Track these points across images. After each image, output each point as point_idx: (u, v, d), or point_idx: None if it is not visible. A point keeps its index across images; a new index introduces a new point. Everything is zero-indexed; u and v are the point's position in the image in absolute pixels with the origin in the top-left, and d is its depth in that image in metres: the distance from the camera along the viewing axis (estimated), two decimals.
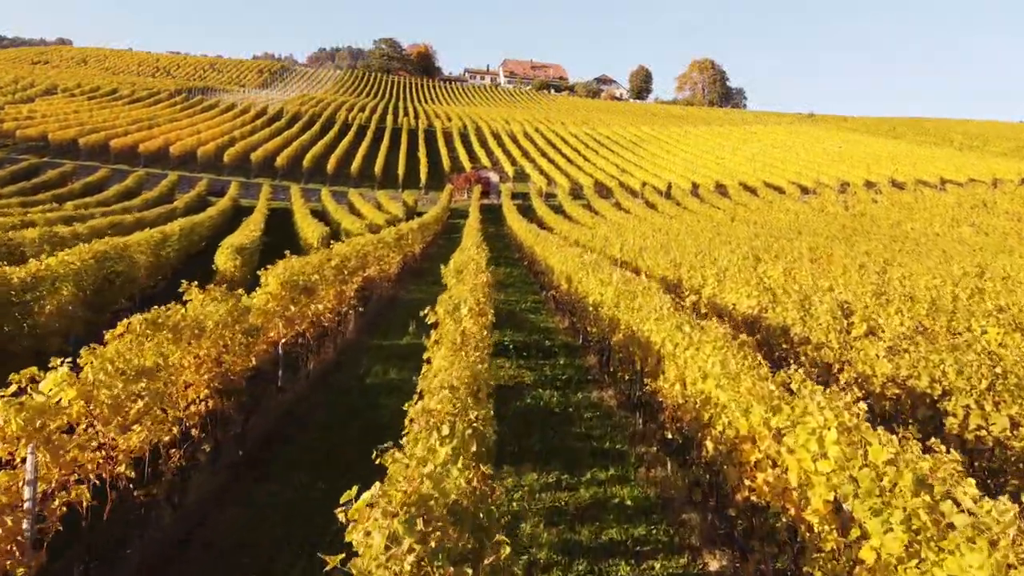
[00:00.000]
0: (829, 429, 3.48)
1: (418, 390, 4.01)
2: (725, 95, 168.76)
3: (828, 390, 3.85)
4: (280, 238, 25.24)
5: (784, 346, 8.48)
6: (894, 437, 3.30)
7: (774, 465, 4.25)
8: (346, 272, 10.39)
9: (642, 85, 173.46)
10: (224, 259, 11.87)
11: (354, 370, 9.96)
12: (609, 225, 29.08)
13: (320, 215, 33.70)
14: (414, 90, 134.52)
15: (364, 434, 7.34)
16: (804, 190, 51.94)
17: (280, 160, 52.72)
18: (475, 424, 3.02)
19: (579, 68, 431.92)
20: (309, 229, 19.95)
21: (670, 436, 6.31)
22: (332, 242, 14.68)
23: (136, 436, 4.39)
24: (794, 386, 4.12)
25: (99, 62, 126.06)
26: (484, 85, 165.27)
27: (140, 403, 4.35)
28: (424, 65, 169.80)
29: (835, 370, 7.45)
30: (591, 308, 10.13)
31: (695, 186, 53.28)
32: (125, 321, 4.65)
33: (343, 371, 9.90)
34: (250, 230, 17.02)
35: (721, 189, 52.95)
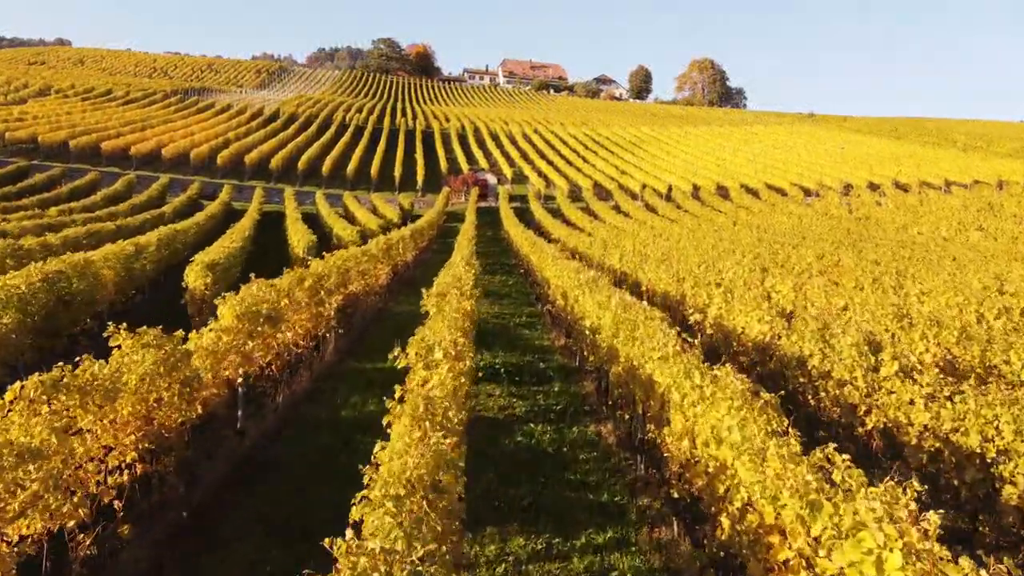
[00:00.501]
0: (891, 551, 2.67)
1: (365, 480, 3.20)
2: (725, 95, 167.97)
3: (884, 486, 3.03)
4: (271, 244, 24.46)
5: (801, 379, 7.68)
6: (984, 572, 2.48)
7: (809, 566, 3.45)
8: (323, 292, 9.57)
9: (642, 85, 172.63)
10: (194, 276, 11.04)
11: (330, 401, 9.14)
12: (608, 230, 28.28)
13: (312, 220, 32.89)
14: (413, 90, 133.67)
15: (334, 483, 6.53)
16: (807, 192, 51.14)
17: (275, 162, 51.91)
18: (420, 568, 2.21)
19: (578, 68, 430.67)
20: (296, 237, 19.12)
21: (676, 495, 5.49)
22: (321, 252, 13.89)
23: (26, 528, 3.58)
24: (836, 476, 3.30)
25: (96, 63, 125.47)
26: (483, 85, 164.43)
27: (30, 488, 3.54)
28: (423, 65, 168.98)
29: (860, 412, 6.64)
30: (588, 332, 9.32)
31: (695, 188, 52.45)
32: (17, 385, 3.84)
33: (317, 403, 9.08)
34: (231, 240, 16.19)
35: (722, 191, 52.14)
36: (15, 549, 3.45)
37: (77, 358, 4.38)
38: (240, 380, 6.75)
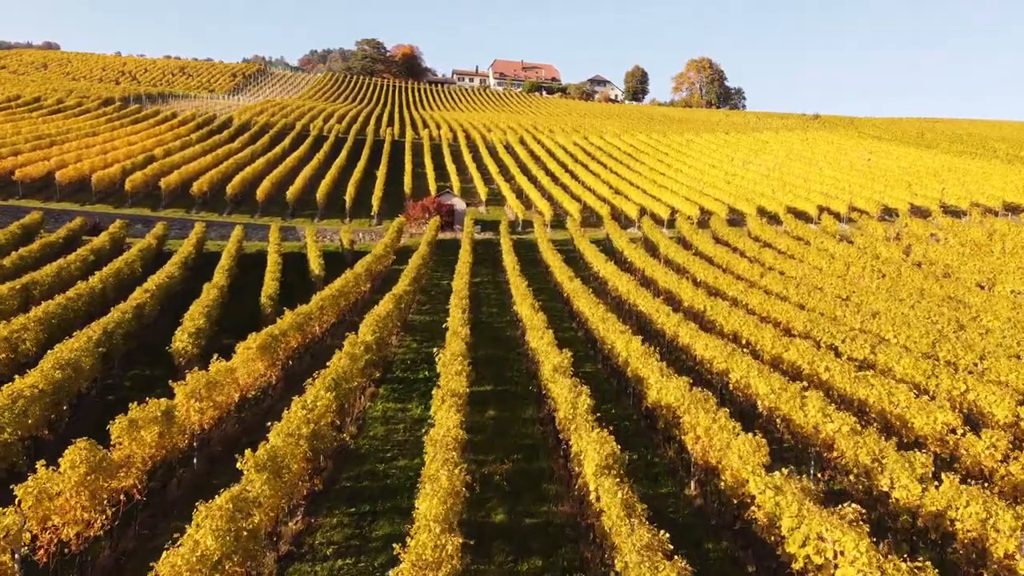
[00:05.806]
0: None
1: None
2: (724, 95, 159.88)
3: None
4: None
5: None
6: None
7: None
8: None
9: (638, 86, 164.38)
10: None
11: None
12: (590, 309, 19.64)
13: (206, 268, 24.35)
14: (397, 94, 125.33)
15: None
16: (837, 217, 42.60)
17: (198, 185, 43.07)
18: None
19: (572, 68, 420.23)
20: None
21: None
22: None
23: None
24: None
25: (61, 66, 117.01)
26: (472, 87, 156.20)
27: None
28: (409, 67, 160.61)
29: None
30: None
31: (704, 213, 43.89)
32: None
33: None
34: None
35: (736, 217, 43.57)
36: None
37: None
38: None
